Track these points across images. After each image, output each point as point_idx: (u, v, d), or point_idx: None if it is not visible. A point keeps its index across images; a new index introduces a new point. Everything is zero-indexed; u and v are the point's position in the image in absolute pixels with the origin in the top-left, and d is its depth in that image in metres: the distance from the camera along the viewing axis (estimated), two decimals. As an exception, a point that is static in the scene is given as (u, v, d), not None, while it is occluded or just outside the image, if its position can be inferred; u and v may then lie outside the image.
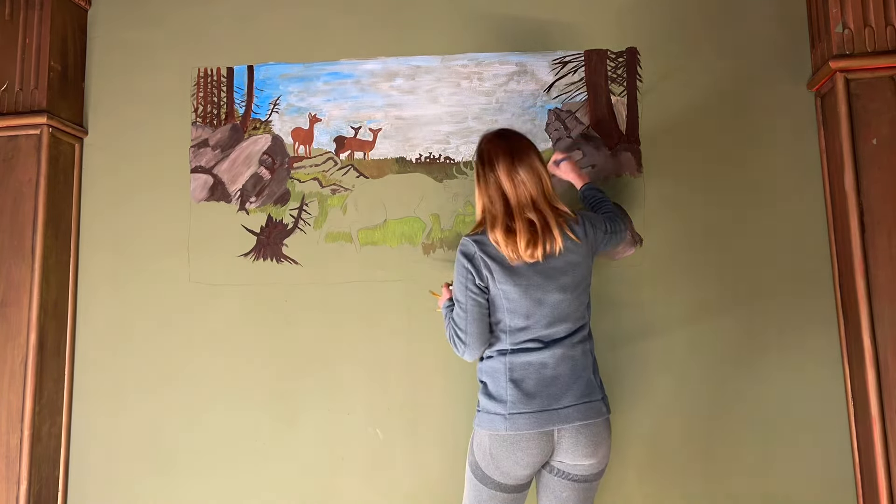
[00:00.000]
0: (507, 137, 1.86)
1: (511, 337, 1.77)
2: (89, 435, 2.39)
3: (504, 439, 1.71)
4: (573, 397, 1.73)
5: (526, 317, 1.75)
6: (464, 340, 1.79)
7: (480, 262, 1.77)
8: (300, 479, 2.30)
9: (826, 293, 2.23)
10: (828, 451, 2.17)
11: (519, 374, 1.74)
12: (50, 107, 2.38)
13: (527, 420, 1.70)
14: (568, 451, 1.72)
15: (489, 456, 1.73)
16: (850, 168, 2.10)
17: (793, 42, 2.34)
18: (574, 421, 1.71)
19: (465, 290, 1.79)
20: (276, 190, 2.44)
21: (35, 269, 2.29)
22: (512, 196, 1.77)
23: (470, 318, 1.78)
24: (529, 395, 1.72)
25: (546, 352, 1.75)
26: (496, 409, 1.73)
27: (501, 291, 1.76)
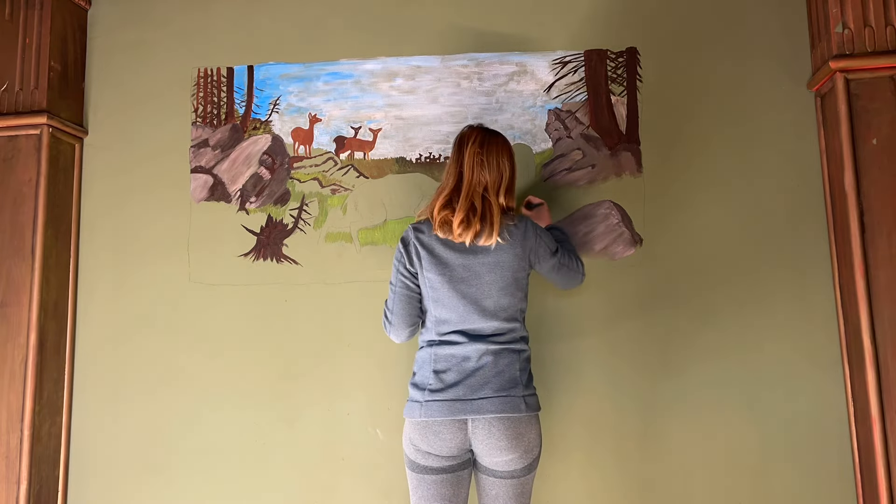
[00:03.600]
0: (486, 130, 1.94)
1: (436, 328, 1.84)
2: (89, 435, 2.39)
3: (419, 425, 1.78)
4: (491, 390, 1.77)
5: (449, 308, 1.82)
6: (389, 319, 1.92)
7: (412, 249, 1.86)
8: (300, 479, 2.30)
9: (826, 293, 2.23)
10: (828, 451, 2.17)
11: (442, 365, 1.81)
12: (50, 107, 2.38)
13: (439, 407, 1.76)
14: (482, 443, 1.76)
15: (409, 442, 1.81)
16: (850, 168, 2.10)
17: (793, 42, 2.34)
18: (487, 413, 1.75)
19: (396, 272, 1.90)
20: (276, 190, 2.44)
21: (35, 269, 2.29)
22: (467, 178, 1.85)
23: (397, 298, 1.89)
24: (447, 384, 1.79)
25: (469, 346, 1.81)
26: (416, 396, 1.82)
27: (427, 280, 1.84)
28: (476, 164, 1.85)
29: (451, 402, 1.76)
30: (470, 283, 1.82)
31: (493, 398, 1.76)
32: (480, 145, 1.87)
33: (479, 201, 1.82)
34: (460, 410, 1.75)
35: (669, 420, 2.22)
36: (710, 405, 2.22)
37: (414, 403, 1.81)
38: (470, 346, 1.80)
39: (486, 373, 1.79)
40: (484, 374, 1.79)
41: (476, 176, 1.85)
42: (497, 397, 1.77)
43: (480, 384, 1.78)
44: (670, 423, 2.22)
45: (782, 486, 2.18)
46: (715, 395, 2.22)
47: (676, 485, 2.21)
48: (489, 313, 1.82)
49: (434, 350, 1.83)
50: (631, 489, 2.19)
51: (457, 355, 1.81)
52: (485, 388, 1.77)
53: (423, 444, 1.78)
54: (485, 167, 1.85)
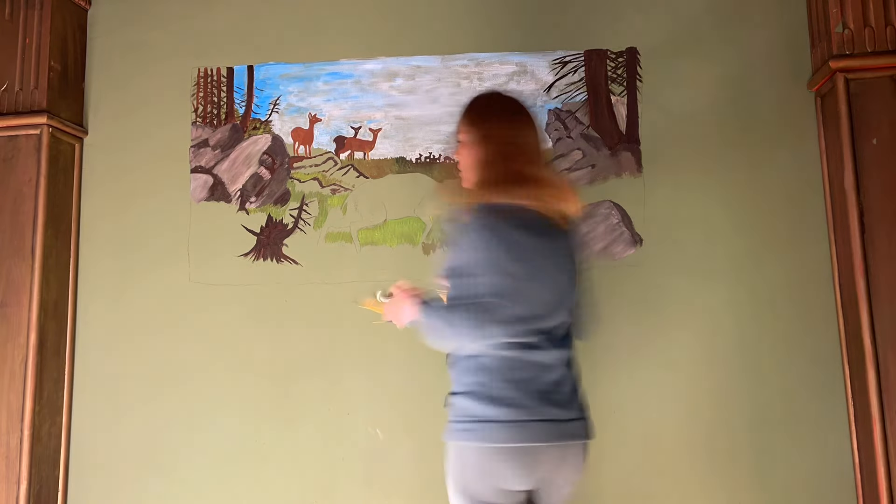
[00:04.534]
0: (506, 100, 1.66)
1: (512, 328, 1.46)
2: (89, 435, 2.39)
3: (501, 452, 1.42)
4: (576, 411, 1.51)
5: (531, 303, 1.48)
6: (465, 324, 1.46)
7: (489, 233, 1.48)
8: (300, 479, 2.30)
9: (826, 293, 2.23)
10: (828, 451, 2.17)
11: (521, 374, 1.46)
12: (50, 107, 2.38)
13: (533, 430, 1.43)
14: (564, 472, 1.49)
15: (479, 473, 1.44)
16: (850, 168, 2.09)
17: (793, 42, 2.34)
18: (579, 438, 1.50)
19: (464, 260, 1.49)
20: (276, 190, 2.44)
21: (35, 269, 2.29)
22: (516, 146, 1.54)
23: (470, 289, 1.47)
24: (535, 399, 1.45)
25: (553, 352, 1.50)
26: (490, 414, 1.44)
27: (504, 269, 1.47)
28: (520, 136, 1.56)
29: (545, 424, 1.43)
30: (549, 272, 1.50)
31: (580, 420, 1.51)
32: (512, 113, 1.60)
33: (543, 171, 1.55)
34: (557, 434, 1.44)
35: (669, 420, 2.22)
36: (710, 405, 2.22)
37: (491, 425, 1.42)
38: (553, 353, 1.50)
39: (567, 389, 1.51)
40: (566, 391, 1.50)
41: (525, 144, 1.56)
42: (582, 419, 1.52)
43: (566, 402, 1.49)
44: (670, 423, 2.22)
45: (782, 486, 2.17)
46: (715, 395, 2.22)
47: (675, 485, 2.20)
48: (565, 308, 1.54)
49: (508, 354, 1.46)
50: (631, 489, 2.19)
51: (538, 363, 1.48)
52: (572, 408, 1.49)
53: (505, 476, 1.42)
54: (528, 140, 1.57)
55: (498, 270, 1.47)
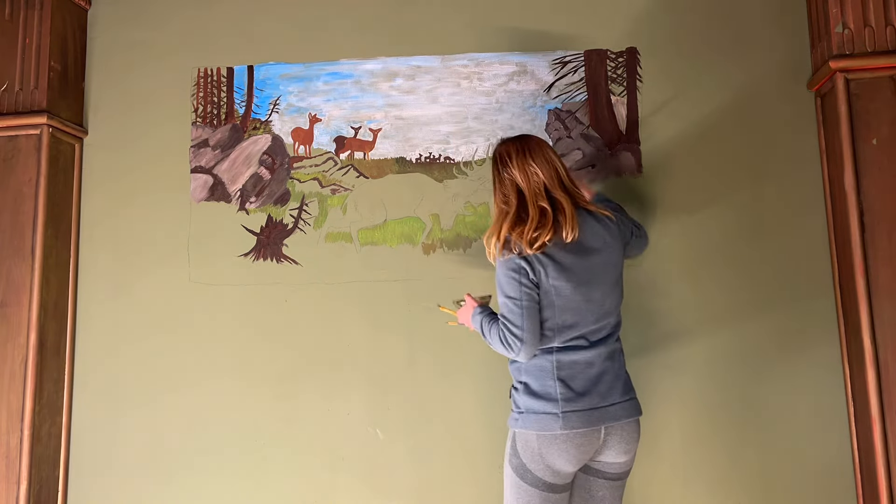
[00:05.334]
0: (520, 137, 1.90)
1: (559, 335, 1.76)
2: (89, 435, 2.39)
3: (556, 438, 1.71)
4: (618, 395, 1.77)
5: (575, 313, 1.76)
6: (521, 337, 1.73)
7: (533, 258, 1.75)
8: (300, 479, 2.30)
9: (826, 293, 2.23)
10: (828, 451, 2.17)
11: (567, 372, 1.75)
12: (50, 107, 2.38)
13: (579, 418, 1.71)
14: (612, 448, 1.76)
15: (539, 457, 1.73)
16: (850, 168, 2.10)
17: (793, 42, 2.34)
18: (622, 418, 1.75)
19: (518, 285, 1.75)
20: (276, 190, 2.44)
21: (35, 269, 2.29)
22: (525, 188, 1.79)
23: (526, 313, 1.74)
24: (579, 393, 1.73)
25: (592, 350, 1.77)
26: (545, 408, 1.73)
27: (553, 288, 1.74)
28: (530, 174, 1.80)
29: (589, 412, 1.72)
30: (592, 284, 1.77)
31: (622, 403, 1.77)
32: (523, 154, 1.82)
33: (545, 202, 1.76)
34: (599, 419, 1.72)
35: (669, 420, 2.22)
36: (710, 405, 2.22)
37: (547, 416, 1.72)
38: (593, 351, 1.77)
39: (609, 377, 1.77)
40: (608, 380, 1.77)
41: (533, 182, 1.79)
42: (625, 401, 1.78)
43: (608, 390, 1.76)
44: (669, 423, 2.22)
45: (782, 486, 2.18)
46: (715, 395, 2.22)
47: (676, 484, 2.20)
48: (608, 313, 1.80)
49: (556, 357, 1.76)
50: (631, 489, 2.19)
51: (580, 361, 1.76)
52: (612, 394, 1.76)
53: (560, 458, 1.72)
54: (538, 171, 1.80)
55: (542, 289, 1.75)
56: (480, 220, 2.35)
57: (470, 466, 2.26)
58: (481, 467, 2.25)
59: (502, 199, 1.83)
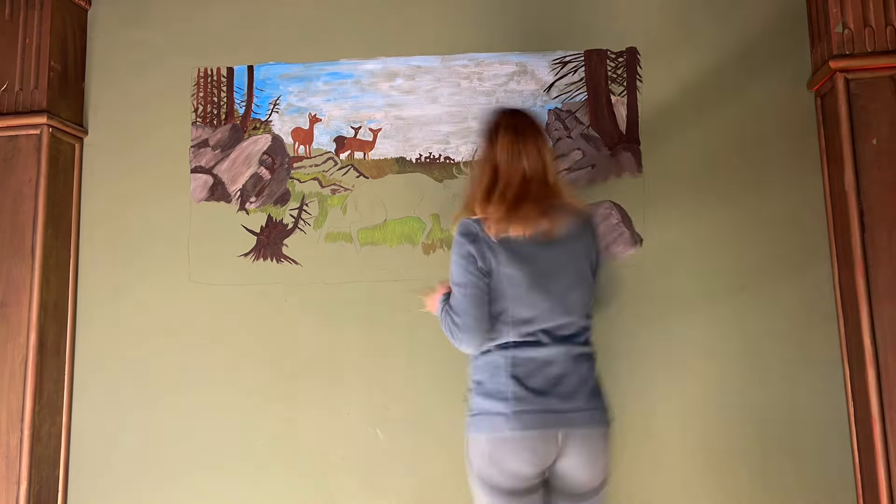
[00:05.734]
0: (515, 113, 1.79)
1: (515, 329, 1.63)
2: (89, 435, 2.39)
3: (506, 441, 1.57)
4: (582, 401, 1.62)
5: (532, 306, 1.62)
6: (460, 325, 1.63)
7: (484, 244, 1.64)
8: (300, 479, 2.30)
9: (826, 293, 2.23)
10: (828, 451, 2.17)
11: (522, 369, 1.61)
12: (50, 107, 2.38)
13: (533, 418, 1.57)
14: (572, 458, 1.61)
15: (491, 462, 1.59)
16: (850, 168, 2.09)
17: (793, 42, 2.34)
18: (581, 426, 1.60)
19: (465, 271, 1.64)
20: (276, 190, 2.44)
21: (35, 269, 2.29)
22: (503, 171, 1.67)
23: (469, 300, 1.63)
24: (534, 392, 1.59)
25: (552, 348, 1.62)
26: (496, 407, 1.59)
27: (506, 277, 1.62)
28: (512, 159, 1.67)
29: (544, 413, 1.57)
30: (554, 276, 1.63)
31: (585, 410, 1.61)
32: (514, 132, 1.70)
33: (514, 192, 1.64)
34: (555, 423, 1.57)
35: (670, 420, 2.22)
36: (710, 405, 2.22)
37: (496, 417, 1.58)
38: (553, 349, 1.62)
39: (573, 380, 1.62)
40: (571, 382, 1.62)
41: (513, 169, 1.67)
42: (588, 410, 1.62)
43: (570, 393, 1.61)
44: (669, 423, 2.22)
45: (782, 486, 2.17)
46: (715, 395, 2.22)
47: (676, 485, 2.20)
48: (572, 309, 1.65)
49: (511, 353, 1.62)
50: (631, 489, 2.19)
51: (538, 359, 1.61)
52: (576, 399, 1.61)
53: (513, 461, 1.56)
54: (522, 157, 1.67)
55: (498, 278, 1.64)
56: (480, 220, 2.35)
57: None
58: (481, 467, 2.25)
59: (479, 172, 1.72)
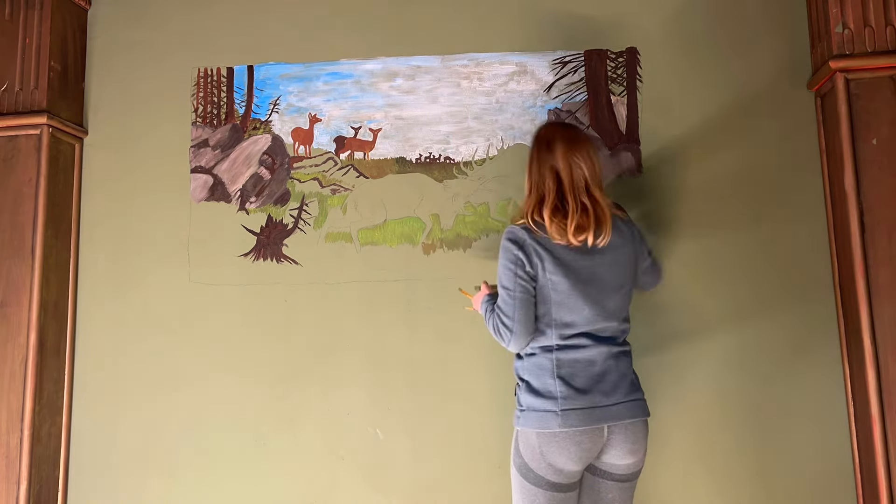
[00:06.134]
0: (568, 126, 1.90)
1: (557, 332, 1.74)
2: (89, 435, 2.39)
3: (555, 436, 1.69)
4: (622, 394, 1.74)
5: (574, 311, 1.74)
6: (510, 328, 1.75)
7: (531, 250, 1.74)
8: (300, 479, 2.30)
9: (826, 294, 2.23)
10: (828, 451, 2.17)
11: (567, 370, 1.73)
12: (50, 107, 2.38)
13: (579, 416, 1.68)
14: (616, 449, 1.73)
15: (539, 455, 1.71)
16: (850, 168, 2.09)
17: (793, 42, 2.34)
18: (625, 418, 1.72)
19: (513, 276, 1.75)
20: (276, 190, 2.44)
21: (35, 269, 2.29)
22: (566, 177, 1.76)
23: (517, 304, 1.74)
24: (580, 391, 1.71)
25: (593, 349, 1.74)
26: (545, 405, 1.71)
27: (550, 282, 1.73)
28: (573, 165, 1.77)
29: (590, 410, 1.69)
30: (593, 284, 1.75)
31: (626, 402, 1.73)
32: (570, 144, 1.80)
33: (586, 199, 1.75)
34: (600, 418, 1.69)
35: (669, 420, 2.22)
36: (710, 405, 2.22)
37: (546, 414, 1.70)
38: (595, 350, 1.74)
39: (613, 377, 1.74)
40: (612, 379, 1.74)
41: (576, 175, 1.76)
42: (629, 401, 1.74)
43: (611, 389, 1.73)
44: (669, 423, 2.22)
45: (782, 486, 2.18)
46: (715, 395, 2.22)
47: (676, 485, 2.21)
48: (611, 314, 1.77)
49: (555, 355, 1.74)
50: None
51: (581, 360, 1.73)
52: (616, 393, 1.73)
53: (561, 457, 1.69)
54: (581, 165, 1.77)
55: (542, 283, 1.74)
56: (480, 220, 2.35)
57: (470, 466, 2.26)
58: (481, 467, 2.25)
59: (540, 181, 1.79)
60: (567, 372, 1.73)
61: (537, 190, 1.80)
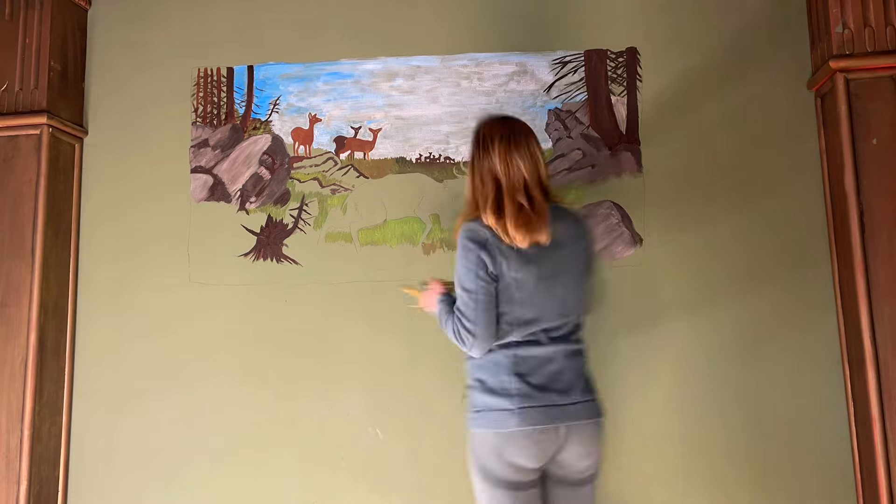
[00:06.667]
0: (506, 121, 1.81)
1: (518, 329, 1.69)
2: (89, 435, 2.39)
3: (513, 435, 1.64)
4: (578, 394, 1.70)
5: (536, 308, 1.69)
6: (473, 332, 1.67)
7: (495, 249, 1.67)
8: (300, 479, 2.30)
9: (826, 294, 2.23)
10: (828, 451, 2.17)
11: (524, 367, 1.68)
12: (50, 107, 2.38)
13: (537, 414, 1.64)
14: (572, 450, 1.68)
15: (497, 455, 1.66)
16: (850, 168, 2.09)
17: (793, 42, 2.34)
18: (582, 419, 1.68)
19: (475, 277, 1.67)
20: (276, 190, 2.44)
21: (35, 269, 2.29)
22: (504, 179, 1.71)
23: (480, 307, 1.67)
24: (537, 387, 1.66)
25: (552, 346, 1.70)
26: (501, 404, 1.66)
27: (515, 281, 1.67)
28: (512, 166, 1.71)
29: (547, 409, 1.65)
30: (557, 279, 1.70)
31: (583, 402, 1.69)
32: (508, 143, 1.73)
33: (523, 198, 1.69)
34: (557, 417, 1.65)
35: (668, 420, 2.22)
36: (711, 405, 2.22)
37: (502, 413, 1.65)
38: (552, 347, 1.69)
39: (569, 375, 1.70)
40: (568, 378, 1.70)
41: (513, 175, 1.71)
42: (585, 402, 1.70)
43: (567, 388, 1.68)
44: (669, 424, 2.22)
45: (782, 486, 2.17)
46: (715, 396, 2.22)
47: (676, 485, 2.20)
48: (570, 309, 1.73)
49: (514, 352, 1.69)
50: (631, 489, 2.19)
51: (539, 356, 1.69)
52: (573, 393, 1.69)
53: (518, 455, 1.64)
54: (520, 165, 1.71)
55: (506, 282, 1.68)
56: (480, 220, 2.35)
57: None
58: (481, 467, 2.25)
59: (480, 182, 1.74)
60: (525, 369, 1.68)
61: (481, 194, 1.74)
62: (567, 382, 1.69)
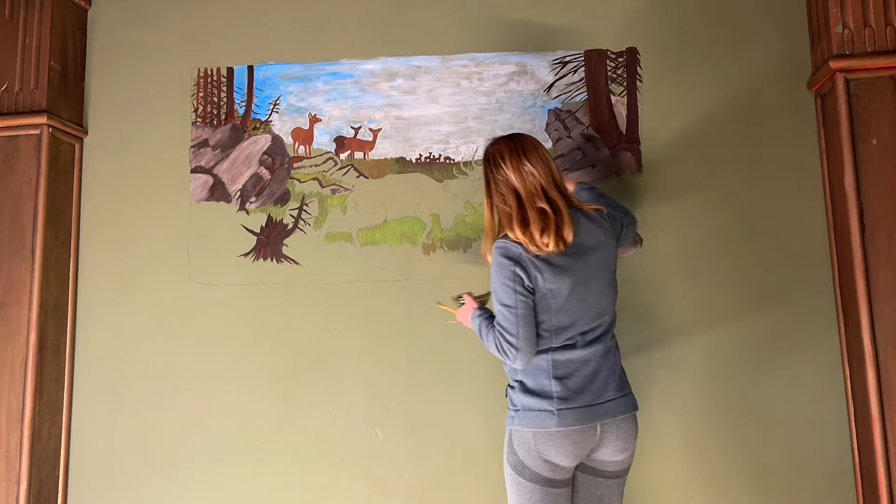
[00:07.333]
0: (511, 136, 1.87)
1: (556, 336, 1.75)
2: (89, 435, 2.39)
3: (552, 435, 1.71)
4: (612, 391, 1.76)
5: (571, 314, 1.75)
6: (516, 346, 1.72)
7: (528, 263, 1.73)
8: (299, 479, 2.30)
9: (826, 294, 2.23)
10: (828, 451, 2.17)
11: (563, 370, 1.74)
12: (50, 107, 2.38)
13: (575, 415, 1.71)
14: (609, 445, 1.76)
15: (535, 453, 1.73)
16: (850, 168, 2.10)
17: (793, 42, 2.34)
18: (616, 415, 1.75)
19: (513, 293, 1.73)
20: (276, 190, 2.44)
21: (35, 269, 2.29)
22: (521, 189, 1.77)
23: (521, 321, 1.72)
24: (574, 391, 1.73)
25: (588, 349, 1.76)
26: (541, 405, 1.73)
27: (550, 291, 1.73)
28: (525, 174, 1.77)
29: (584, 409, 1.72)
30: (589, 284, 1.77)
31: (617, 399, 1.76)
32: (517, 154, 1.80)
33: (544, 203, 1.75)
34: (594, 416, 1.72)
35: (668, 420, 2.22)
36: (710, 405, 2.22)
37: (543, 413, 1.72)
38: (589, 350, 1.76)
39: (604, 374, 1.77)
40: (603, 377, 1.76)
41: (529, 183, 1.77)
42: (620, 397, 1.77)
43: (603, 387, 1.75)
44: (669, 423, 2.22)
45: (782, 485, 2.18)
46: (714, 395, 2.22)
47: (676, 484, 2.21)
48: (603, 311, 1.80)
49: (552, 356, 1.75)
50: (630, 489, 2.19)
51: (576, 360, 1.75)
52: (608, 390, 1.76)
53: (557, 455, 1.72)
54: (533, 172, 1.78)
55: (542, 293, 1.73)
56: (480, 220, 2.35)
57: (470, 466, 2.26)
58: (481, 467, 2.25)
59: (500, 201, 1.80)
60: (563, 372, 1.74)
61: (503, 211, 1.80)
62: (603, 381, 1.76)
